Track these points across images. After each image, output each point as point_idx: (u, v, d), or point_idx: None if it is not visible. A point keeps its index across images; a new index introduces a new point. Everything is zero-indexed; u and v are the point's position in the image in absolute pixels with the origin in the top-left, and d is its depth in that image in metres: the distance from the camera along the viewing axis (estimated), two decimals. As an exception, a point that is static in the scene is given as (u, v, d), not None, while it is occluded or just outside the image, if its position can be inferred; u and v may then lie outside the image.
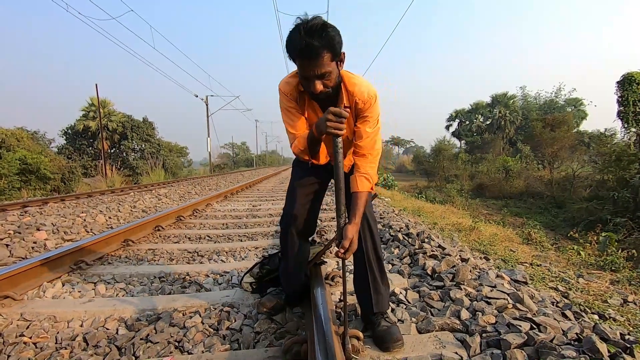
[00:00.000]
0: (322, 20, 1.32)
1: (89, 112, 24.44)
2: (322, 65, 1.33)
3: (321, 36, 1.28)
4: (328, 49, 1.31)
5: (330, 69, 1.36)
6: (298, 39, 1.30)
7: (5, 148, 12.63)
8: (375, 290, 1.60)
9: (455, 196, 15.38)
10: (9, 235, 3.59)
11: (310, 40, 1.28)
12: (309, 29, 1.29)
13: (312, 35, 1.28)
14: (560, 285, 3.24)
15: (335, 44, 1.32)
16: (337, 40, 1.33)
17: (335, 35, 1.32)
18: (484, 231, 5.60)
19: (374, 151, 1.54)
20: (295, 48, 1.32)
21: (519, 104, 38.44)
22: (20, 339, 1.73)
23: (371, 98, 1.49)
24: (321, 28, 1.29)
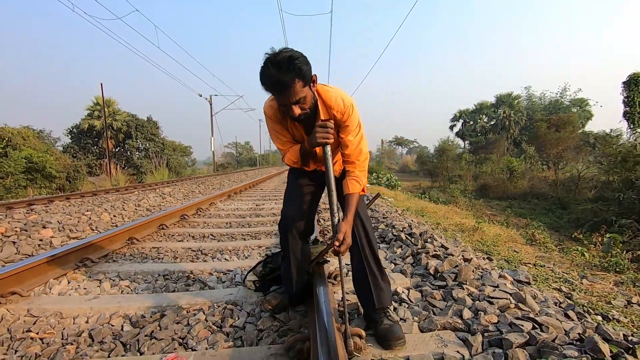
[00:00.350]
0: (288, 52, 1.39)
1: (93, 111, 24.63)
2: (295, 93, 1.42)
3: (289, 69, 1.37)
4: (298, 78, 1.39)
5: (304, 94, 1.45)
6: (268, 74, 1.39)
7: (12, 147, 12.74)
8: (376, 286, 1.63)
9: (459, 196, 15.34)
10: (16, 232, 3.63)
11: (280, 75, 1.37)
12: (277, 63, 1.37)
13: (280, 70, 1.37)
14: (564, 286, 3.23)
15: (304, 73, 1.41)
16: (305, 68, 1.41)
17: (302, 65, 1.40)
18: (488, 232, 5.60)
19: (361, 156, 1.66)
20: (268, 83, 1.42)
21: (524, 104, 38.22)
22: (27, 335, 1.75)
23: (347, 107, 1.58)
24: (288, 61, 1.37)
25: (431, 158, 31.13)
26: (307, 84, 1.45)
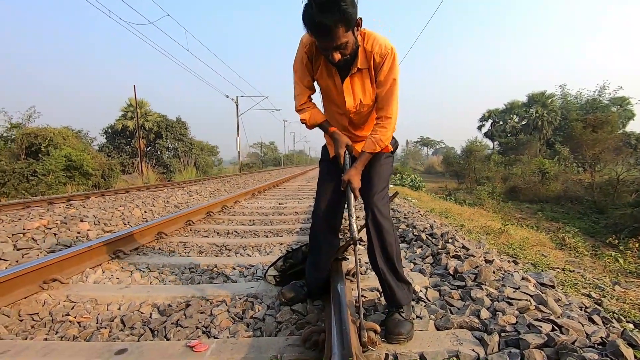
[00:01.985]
0: None
1: (127, 113, 25.78)
2: (338, 38, 1.34)
3: (333, 12, 1.27)
4: (342, 23, 1.31)
5: (347, 40, 1.37)
6: (310, 15, 1.31)
7: (53, 146, 13.58)
8: (389, 286, 1.64)
9: (486, 199, 14.88)
10: (57, 225, 3.90)
11: (323, 18, 1.28)
12: (322, 4, 1.28)
13: (323, 11, 1.28)
14: (594, 292, 3.10)
15: (349, 17, 1.31)
16: (351, 11, 1.31)
17: (348, 7, 1.30)
18: (514, 234, 5.42)
19: (390, 111, 1.56)
20: (310, 25, 1.34)
21: (558, 103, 36.52)
22: (66, 318, 1.90)
23: (387, 52, 1.48)
24: (333, 2, 1.27)
25: (458, 159, 30.38)
26: (351, 29, 1.36)
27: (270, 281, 2.27)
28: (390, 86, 1.53)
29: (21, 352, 1.52)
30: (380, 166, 1.70)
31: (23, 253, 2.98)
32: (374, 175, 1.68)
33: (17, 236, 3.37)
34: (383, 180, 1.70)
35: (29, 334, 1.75)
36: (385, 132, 1.56)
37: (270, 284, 2.26)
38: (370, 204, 1.63)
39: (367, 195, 1.65)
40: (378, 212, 1.61)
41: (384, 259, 1.63)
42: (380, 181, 1.68)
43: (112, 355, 1.50)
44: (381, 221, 1.61)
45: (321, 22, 1.30)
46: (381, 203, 1.64)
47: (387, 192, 1.72)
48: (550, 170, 19.99)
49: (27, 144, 13.56)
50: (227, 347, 1.55)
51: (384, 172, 1.71)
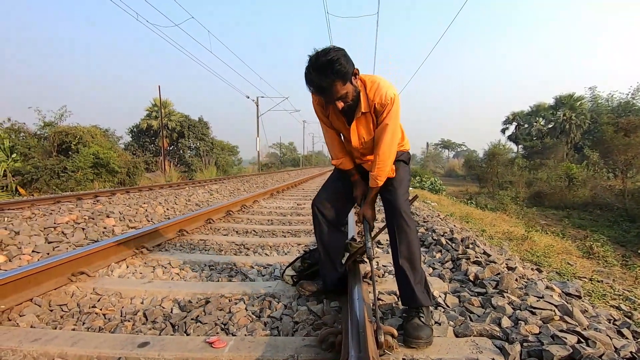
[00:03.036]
0: (328, 55, 1.47)
1: (151, 112, 26.56)
2: (337, 92, 1.52)
3: (328, 74, 1.47)
4: (339, 80, 1.49)
5: (345, 90, 1.54)
6: (310, 78, 1.52)
7: (82, 144, 14.15)
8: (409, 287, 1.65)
9: (509, 204, 14.47)
10: (85, 220, 4.06)
11: (320, 80, 1.48)
12: (318, 68, 1.48)
13: (320, 74, 1.48)
14: (624, 304, 2.97)
15: (344, 74, 1.49)
16: (345, 69, 1.48)
17: (342, 66, 1.47)
18: (539, 241, 5.25)
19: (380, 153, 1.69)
20: (311, 86, 1.55)
21: (588, 106, 35.10)
22: (93, 310, 1.98)
23: (387, 102, 1.62)
24: (328, 65, 1.46)
25: (480, 162, 29.67)
26: (348, 81, 1.52)
27: (288, 281, 2.29)
28: (383, 130, 1.67)
29: (51, 341, 1.59)
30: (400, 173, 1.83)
31: (54, 246, 3.13)
32: (395, 181, 1.80)
33: (48, 230, 3.53)
34: (404, 185, 1.81)
35: (58, 323, 1.84)
36: (380, 170, 1.72)
37: (288, 283, 2.28)
38: (394, 203, 1.71)
39: (391, 196, 1.75)
40: (402, 211, 1.68)
41: (406, 258, 1.67)
42: (401, 185, 1.79)
43: (135, 347, 1.55)
44: (407, 221, 1.68)
45: (320, 84, 1.50)
46: (404, 203, 1.73)
47: (408, 198, 1.82)
48: (578, 176, 19.24)
49: (59, 141, 14.19)
50: (245, 345, 1.57)
51: (404, 178, 1.84)
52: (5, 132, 14.01)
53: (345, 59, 1.50)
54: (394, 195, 1.74)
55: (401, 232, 1.67)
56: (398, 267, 1.69)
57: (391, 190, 1.77)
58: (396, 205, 1.71)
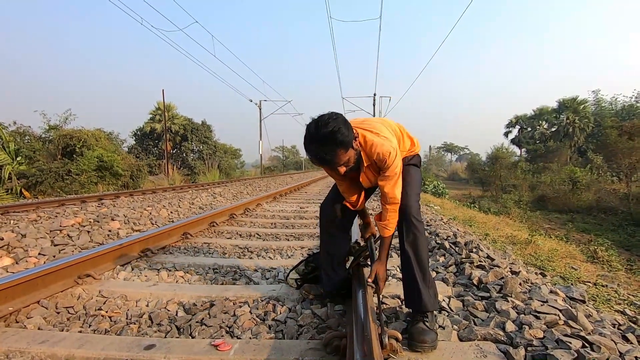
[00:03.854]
0: (329, 127, 1.46)
1: (155, 116, 26.73)
2: (340, 160, 1.52)
3: (330, 146, 1.47)
4: (341, 149, 1.49)
5: (347, 157, 1.54)
6: (310, 150, 1.52)
7: (87, 147, 14.25)
8: (416, 289, 1.65)
9: (512, 207, 14.42)
10: (90, 223, 4.09)
11: (324, 152, 1.49)
12: (318, 140, 1.47)
13: (321, 146, 1.48)
14: (629, 309, 2.95)
15: (345, 143, 1.48)
16: (346, 139, 1.48)
17: (344, 136, 1.46)
18: (542, 246, 5.23)
19: (395, 200, 1.70)
20: (313, 158, 1.55)
21: (591, 109, 34.99)
22: (99, 312, 2.00)
23: (385, 158, 1.63)
24: (329, 135, 1.45)
25: (483, 166, 29.61)
26: (350, 147, 1.52)
27: (292, 284, 2.30)
28: (386, 182, 1.68)
29: (59, 343, 1.61)
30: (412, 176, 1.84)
31: (60, 249, 3.16)
32: (406, 184, 1.79)
33: (54, 232, 3.56)
34: (416, 188, 1.82)
35: (65, 325, 1.85)
36: (392, 216, 1.72)
37: (292, 287, 2.29)
38: (406, 209, 1.71)
39: (403, 201, 1.74)
40: (414, 216, 1.69)
41: (416, 261, 1.66)
42: (413, 188, 1.79)
43: (142, 350, 1.57)
44: (417, 225, 1.68)
45: (322, 156, 1.50)
46: (416, 208, 1.73)
47: (419, 202, 1.82)
48: (581, 179, 19.16)
49: (63, 144, 14.30)
50: (250, 348, 1.58)
51: (415, 182, 1.85)
52: (10, 135, 14.14)
53: (346, 126, 1.50)
54: (404, 197, 1.74)
55: (410, 233, 1.67)
56: (406, 269, 1.68)
57: (402, 192, 1.76)
58: (407, 207, 1.71)
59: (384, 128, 1.73)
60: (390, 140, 1.67)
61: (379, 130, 1.69)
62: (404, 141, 1.91)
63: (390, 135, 1.71)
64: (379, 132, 1.68)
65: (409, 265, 1.67)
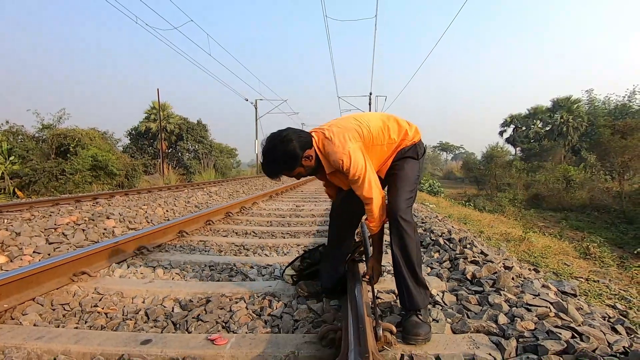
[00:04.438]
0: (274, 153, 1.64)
1: (150, 115, 26.56)
2: (288, 175, 1.71)
3: (273, 169, 1.67)
4: (284, 170, 1.67)
5: (296, 172, 1.70)
6: (262, 167, 1.72)
7: (81, 146, 14.15)
8: (407, 288, 1.64)
9: (507, 206, 14.53)
10: (85, 221, 4.08)
11: (268, 172, 1.70)
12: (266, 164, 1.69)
13: (269, 168, 1.69)
14: (620, 303, 3.01)
15: (289, 166, 1.66)
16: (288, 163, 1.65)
17: (287, 161, 1.64)
18: (536, 243, 5.29)
19: (369, 200, 1.69)
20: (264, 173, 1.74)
21: (584, 108, 35.29)
22: (95, 309, 2.00)
23: (341, 163, 1.65)
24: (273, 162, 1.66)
25: (478, 165, 29.79)
26: (295, 167, 1.67)
27: (288, 280, 2.31)
28: (355, 184, 1.68)
29: (54, 339, 1.61)
30: (405, 172, 1.77)
31: (55, 247, 3.15)
32: (398, 180, 1.76)
33: (49, 231, 3.55)
34: (407, 185, 1.75)
35: (61, 322, 1.86)
36: (371, 215, 1.72)
37: (288, 283, 2.31)
38: (393, 208, 1.68)
39: (391, 200, 1.72)
40: (400, 216, 1.65)
41: (404, 261, 1.64)
42: (404, 185, 1.74)
43: (138, 344, 1.57)
44: (404, 225, 1.64)
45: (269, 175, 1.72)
46: (404, 207, 1.68)
47: (412, 198, 1.76)
48: (575, 178, 19.33)
49: (57, 144, 14.19)
50: (246, 342, 1.59)
51: (408, 178, 1.77)
52: (3, 135, 14.00)
53: (291, 152, 1.62)
54: (393, 196, 1.71)
55: (397, 234, 1.65)
56: (396, 270, 1.68)
57: (392, 189, 1.75)
58: (394, 207, 1.67)
59: (341, 133, 1.68)
60: (343, 146, 1.63)
61: (334, 137, 1.67)
62: (388, 133, 1.79)
63: (345, 140, 1.66)
64: (332, 139, 1.66)
65: (397, 265, 1.66)
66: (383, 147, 1.78)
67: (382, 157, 1.81)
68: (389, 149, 1.80)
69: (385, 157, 1.81)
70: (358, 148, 1.66)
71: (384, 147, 1.79)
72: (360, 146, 1.68)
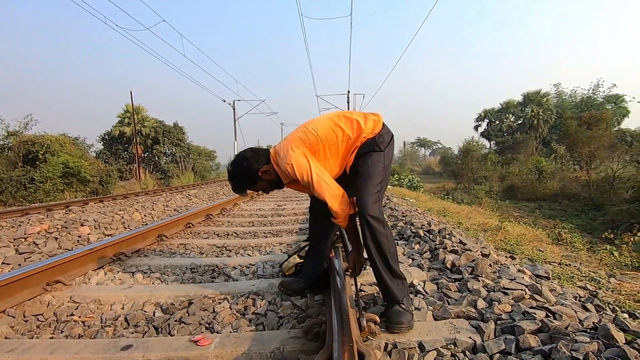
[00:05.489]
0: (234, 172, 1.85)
1: (124, 119, 25.75)
2: (252, 191, 1.92)
3: (237, 186, 1.89)
4: (246, 187, 1.88)
5: (258, 188, 1.88)
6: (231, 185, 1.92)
7: (50, 153, 13.56)
8: (384, 283, 1.67)
9: (484, 197, 14.97)
10: (57, 229, 3.92)
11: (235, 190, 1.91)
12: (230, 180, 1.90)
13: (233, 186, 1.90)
14: (590, 284, 3.15)
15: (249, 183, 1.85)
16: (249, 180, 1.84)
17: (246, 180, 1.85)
18: (512, 231, 5.47)
19: (323, 198, 1.69)
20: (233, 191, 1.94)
21: (553, 102, 36.84)
22: (71, 318, 1.93)
23: (289, 172, 1.72)
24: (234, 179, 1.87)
25: (455, 159, 30.51)
26: (257, 182, 1.84)
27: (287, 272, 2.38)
28: (310, 184, 1.70)
29: (28, 350, 1.55)
30: (368, 167, 1.73)
31: (25, 257, 3.01)
32: (361, 177, 1.72)
33: (18, 241, 3.39)
34: (372, 180, 1.70)
35: (35, 333, 1.78)
36: (333, 212, 1.72)
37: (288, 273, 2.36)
38: (360, 206, 1.65)
39: (358, 198, 1.67)
40: (369, 214, 1.62)
41: (378, 257, 1.65)
42: (368, 181, 1.69)
43: (118, 350, 1.53)
44: (372, 222, 1.62)
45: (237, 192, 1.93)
46: (370, 204, 1.64)
47: (380, 192, 1.72)
48: (546, 169, 20.12)
49: (24, 151, 13.54)
50: (231, 341, 1.58)
51: (372, 172, 1.72)
52: (-35, 144, 13.24)
53: (248, 170, 1.81)
54: (359, 194, 1.67)
55: (368, 232, 1.63)
56: (372, 266, 1.70)
57: (358, 187, 1.70)
58: (361, 205, 1.64)
59: (285, 145, 1.75)
60: (285, 157, 1.70)
61: (280, 150, 1.76)
62: (341, 131, 1.77)
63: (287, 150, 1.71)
64: (279, 152, 1.76)
65: (372, 262, 1.67)
66: (337, 145, 1.75)
67: (340, 155, 1.78)
68: (345, 146, 1.77)
69: (343, 154, 1.78)
70: (301, 153, 1.68)
71: (339, 145, 1.76)
72: (303, 151, 1.69)
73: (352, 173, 1.82)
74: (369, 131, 1.77)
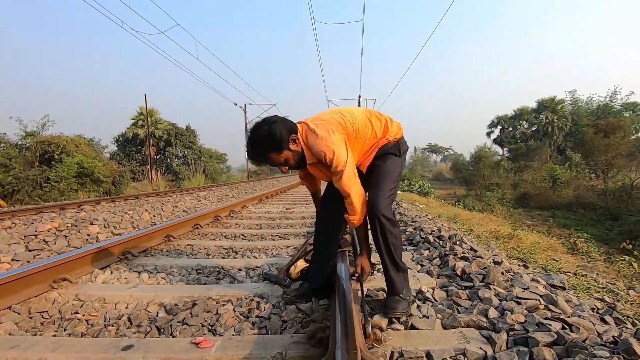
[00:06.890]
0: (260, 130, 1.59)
1: (137, 121, 26.21)
2: (274, 161, 1.64)
3: (261, 148, 1.61)
4: (271, 151, 1.61)
5: (283, 158, 1.64)
6: (248, 152, 1.67)
7: (66, 153, 13.84)
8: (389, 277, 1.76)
9: (496, 205, 14.70)
10: (67, 228, 3.96)
11: (256, 154, 1.64)
12: (252, 143, 1.62)
13: (255, 148, 1.63)
14: (607, 296, 3.02)
15: (276, 146, 1.59)
16: (276, 141, 1.58)
17: (273, 139, 1.57)
18: (525, 239, 5.33)
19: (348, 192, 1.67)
20: (250, 159, 1.71)
21: (568, 109, 36.10)
22: (75, 316, 1.93)
23: (324, 155, 1.63)
24: (260, 139, 1.59)
25: (467, 165, 30.12)
26: (284, 149, 1.62)
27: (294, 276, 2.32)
28: (336, 176, 1.66)
29: (30, 347, 1.54)
30: (384, 169, 1.78)
31: (35, 254, 3.04)
32: (379, 176, 1.77)
33: (29, 238, 3.43)
34: (388, 182, 1.76)
35: (39, 330, 1.78)
36: (352, 209, 1.71)
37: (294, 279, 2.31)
38: (374, 206, 1.70)
39: (372, 196, 1.73)
40: (382, 214, 1.68)
41: (385, 253, 1.73)
42: (385, 182, 1.75)
43: (119, 350, 1.51)
44: (385, 222, 1.69)
45: (256, 157, 1.67)
46: (385, 205, 1.70)
47: (393, 195, 1.77)
48: (561, 177, 19.70)
49: (41, 151, 13.85)
50: (232, 344, 1.55)
51: (391, 173, 1.78)
52: (-16, 143, 13.63)
53: (277, 131, 1.58)
54: (374, 193, 1.72)
55: (378, 231, 1.70)
56: (381, 261, 1.78)
57: (374, 186, 1.75)
58: (375, 204, 1.69)
59: (325, 125, 1.68)
60: (326, 139, 1.62)
61: (317, 129, 1.66)
62: (372, 128, 1.79)
63: (328, 132, 1.65)
64: (316, 131, 1.65)
65: (381, 257, 1.75)
66: (365, 141, 1.79)
67: (363, 151, 1.80)
68: (370, 144, 1.80)
69: (365, 151, 1.81)
70: (342, 140, 1.67)
71: (366, 142, 1.79)
72: (344, 138, 1.68)
73: (368, 172, 1.83)
74: (393, 134, 1.83)
